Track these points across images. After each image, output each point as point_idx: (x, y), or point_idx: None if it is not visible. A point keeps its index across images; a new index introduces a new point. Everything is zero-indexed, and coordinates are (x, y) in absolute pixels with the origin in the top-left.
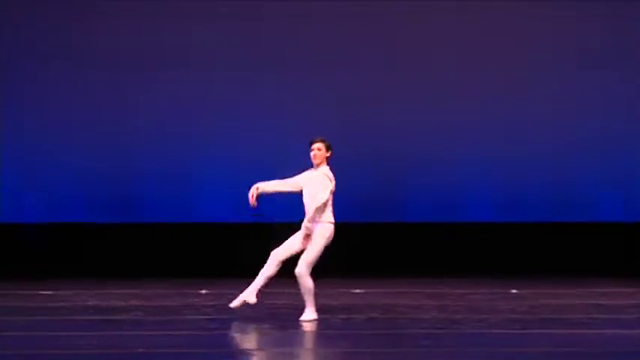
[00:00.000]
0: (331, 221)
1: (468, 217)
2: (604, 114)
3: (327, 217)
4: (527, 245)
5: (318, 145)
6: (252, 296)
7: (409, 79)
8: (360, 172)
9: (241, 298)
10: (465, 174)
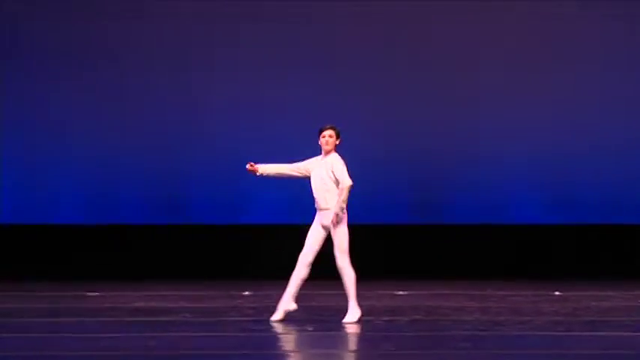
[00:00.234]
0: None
1: (511, 218)
2: None
3: None
4: (571, 247)
5: (329, 132)
6: (291, 304)
7: (449, 77)
8: (403, 173)
9: (281, 309)
10: (509, 175)
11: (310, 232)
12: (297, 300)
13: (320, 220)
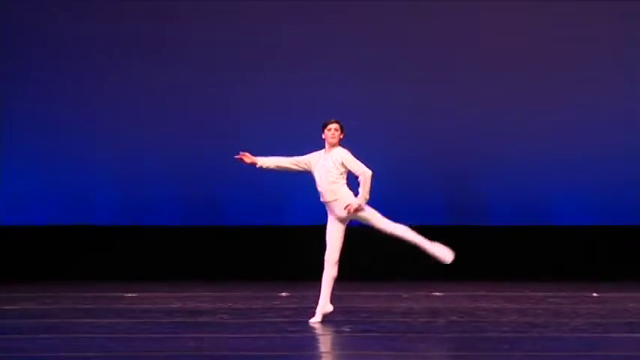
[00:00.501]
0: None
1: (548, 220)
2: None
3: (348, 191)
4: (609, 248)
5: (335, 126)
6: (327, 306)
7: (485, 77)
8: (439, 173)
9: (319, 312)
10: (546, 176)
11: (328, 230)
12: (332, 301)
13: (333, 213)
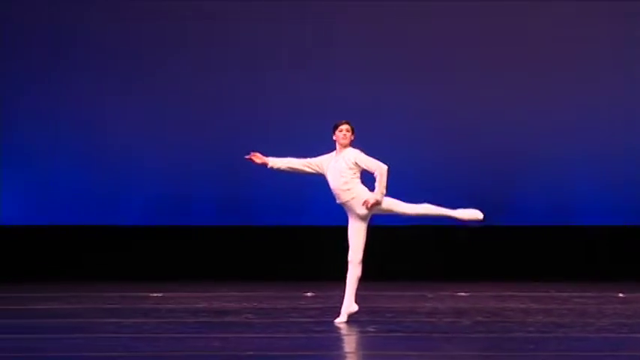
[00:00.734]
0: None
1: (574, 220)
2: None
3: (363, 188)
4: (635, 248)
5: (346, 127)
6: (352, 306)
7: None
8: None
9: (344, 312)
10: (573, 175)
11: (349, 231)
12: (357, 301)
13: (353, 212)
